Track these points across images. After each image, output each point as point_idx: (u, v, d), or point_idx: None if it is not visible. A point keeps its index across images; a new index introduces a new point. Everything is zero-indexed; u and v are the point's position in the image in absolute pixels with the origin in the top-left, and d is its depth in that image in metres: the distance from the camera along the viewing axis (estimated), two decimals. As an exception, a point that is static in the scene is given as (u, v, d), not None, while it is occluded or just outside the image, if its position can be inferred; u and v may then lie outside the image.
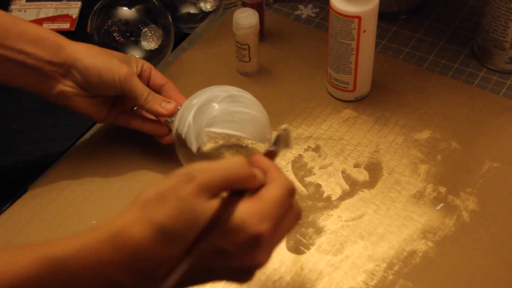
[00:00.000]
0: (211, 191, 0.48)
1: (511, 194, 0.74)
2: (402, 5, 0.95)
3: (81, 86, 0.72)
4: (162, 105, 0.73)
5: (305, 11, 0.98)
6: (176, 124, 0.72)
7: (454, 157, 0.78)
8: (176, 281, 0.45)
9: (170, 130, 0.75)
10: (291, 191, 0.51)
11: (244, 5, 0.88)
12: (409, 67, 0.89)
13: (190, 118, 0.70)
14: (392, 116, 0.83)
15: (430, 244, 0.70)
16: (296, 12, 0.98)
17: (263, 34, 0.91)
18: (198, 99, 0.71)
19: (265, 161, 0.53)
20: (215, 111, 0.69)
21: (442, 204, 0.73)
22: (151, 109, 0.73)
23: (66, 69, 0.72)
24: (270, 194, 0.50)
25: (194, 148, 0.70)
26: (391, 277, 0.68)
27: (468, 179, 0.76)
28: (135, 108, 0.78)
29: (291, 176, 0.76)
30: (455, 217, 0.72)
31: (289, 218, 0.52)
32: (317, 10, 0.98)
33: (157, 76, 0.76)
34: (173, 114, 0.73)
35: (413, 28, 0.94)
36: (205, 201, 0.48)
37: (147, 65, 0.76)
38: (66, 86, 0.72)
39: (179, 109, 0.73)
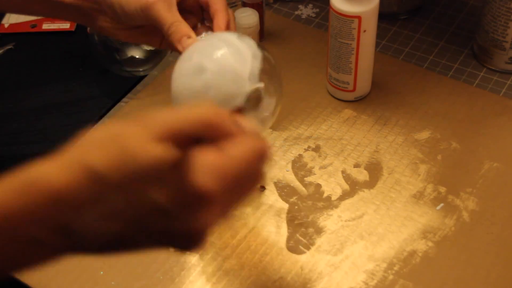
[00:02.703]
0: (163, 135, 0.40)
1: (511, 194, 0.74)
2: (402, 5, 0.95)
3: (114, 20, 0.69)
4: (182, 41, 0.63)
5: (305, 11, 0.98)
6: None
7: (454, 157, 0.78)
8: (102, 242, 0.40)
9: None
10: (263, 155, 0.43)
11: (244, 5, 0.88)
12: (409, 67, 0.89)
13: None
14: (392, 116, 0.83)
15: (430, 244, 0.70)
16: (296, 12, 0.98)
17: (263, 34, 0.91)
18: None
19: (237, 117, 0.44)
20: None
21: (442, 204, 0.73)
22: (170, 44, 0.64)
23: (100, 4, 0.69)
24: (237, 150, 0.42)
25: None
26: (391, 277, 0.68)
27: (468, 179, 0.76)
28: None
29: (291, 176, 0.76)
30: (455, 217, 0.72)
31: (249, 183, 0.44)
32: (317, 10, 0.98)
33: None
34: None
35: (413, 28, 0.94)
36: (152, 145, 0.39)
37: None
38: (103, 22, 0.70)
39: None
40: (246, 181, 0.43)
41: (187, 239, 0.43)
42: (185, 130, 0.41)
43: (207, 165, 0.40)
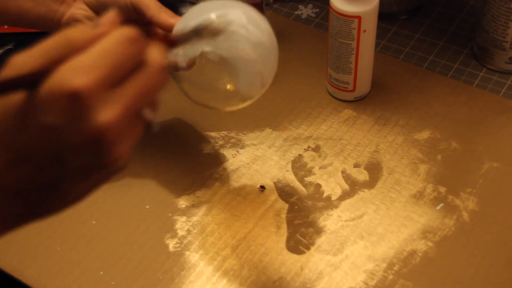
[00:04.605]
0: (26, 67, 0.39)
1: (511, 194, 0.74)
2: (402, 5, 0.95)
3: (93, 7, 0.72)
4: (175, 17, 0.69)
5: (305, 11, 0.98)
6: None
7: (454, 157, 0.78)
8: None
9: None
10: (129, 37, 0.40)
11: (244, 5, 0.88)
12: (409, 67, 0.89)
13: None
14: (392, 116, 0.83)
15: (430, 244, 0.70)
16: (296, 12, 0.98)
17: (263, 34, 0.91)
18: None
19: (106, 15, 0.42)
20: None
21: (442, 204, 0.73)
22: (161, 20, 0.69)
23: None
24: (96, 45, 0.40)
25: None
26: (391, 277, 0.68)
27: (468, 179, 0.76)
28: None
29: (291, 176, 0.76)
30: (455, 217, 0.72)
31: (140, 74, 0.41)
32: (317, 10, 0.98)
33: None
34: None
35: (413, 28, 0.94)
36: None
37: None
38: (77, 9, 0.72)
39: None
40: (126, 69, 0.41)
41: (97, 150, 0.40)
42: (47, 59, 0.40)
43: (64, 68, 0.38)
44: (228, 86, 0.66)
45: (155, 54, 0.42)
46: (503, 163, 0.77)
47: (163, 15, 0.69)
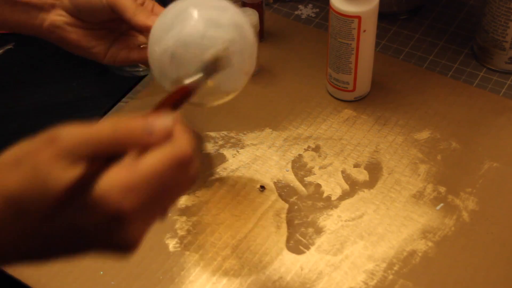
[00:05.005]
0: (75, 155, 0.40)
1: (511, 194, 0.74)
2: (402, 5, 0.95)
3: (71, 12, 0.72)
4: (151, 18, 0.68)
5: (305, 11, 0.98)
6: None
7: (454, 157, 0.78)
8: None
9: None
10: (181, 161, 0.42)
11: (244, 5, 0.88)
12: (409, 67, 0.89)
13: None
14: (392, 116, 0.83)
15: (430, 244, 0.70)
16: (296, 12, 0.98)
17: (263, 34, 0.91)
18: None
19: (161, 121, 0.43)
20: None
21: (442, 204, 0.73)
22: (138, 23, 0.68)
23: None
24: (147, 163, 0.41)
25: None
26: (391, 277, 0.68)
27: (468, 179, 0.76)
28: (141, 46, 0.74)
29: (291, 176, 0.76)
30: (455, 217, 0.72)
31: (175, 189, 0.43)
32: (317, 10, 0.98)
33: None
34: None
35: (413, 28, 0.94)
36: (63, 167, 0.40)
37: None
38: (56, 16, 0.72)
39: None
40: (169, 190, 0.43)
41: (117, 250, 0.42)
42: (96, 151, 0.41)
43: (115, 183, 0.40)
44: (209, 83, 0.65)
45: (195, 168, 0.43)
46: (503, 163, 0.77)
47: (140, 17, 0.68)
